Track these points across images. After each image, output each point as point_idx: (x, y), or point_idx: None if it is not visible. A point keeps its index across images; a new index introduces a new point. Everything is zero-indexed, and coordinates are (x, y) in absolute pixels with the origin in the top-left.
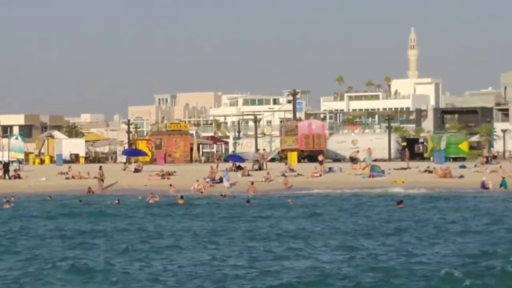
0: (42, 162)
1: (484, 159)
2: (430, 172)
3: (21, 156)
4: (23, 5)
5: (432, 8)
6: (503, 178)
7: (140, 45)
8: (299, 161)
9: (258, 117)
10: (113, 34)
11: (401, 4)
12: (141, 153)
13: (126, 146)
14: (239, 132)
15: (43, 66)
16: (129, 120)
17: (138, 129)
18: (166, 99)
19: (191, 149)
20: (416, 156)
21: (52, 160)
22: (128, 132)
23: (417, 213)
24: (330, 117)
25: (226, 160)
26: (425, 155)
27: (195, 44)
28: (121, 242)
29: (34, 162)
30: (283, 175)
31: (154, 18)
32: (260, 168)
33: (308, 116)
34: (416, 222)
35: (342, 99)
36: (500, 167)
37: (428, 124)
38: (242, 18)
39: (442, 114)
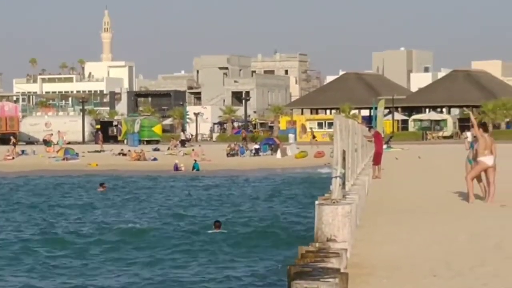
0: None
1: (178, 142)
2: (124, 154)
3: None
4: None
5: None
6: (195, 160)
7: None
8: None
9: None
10: None
11: None
12: None
13: None
14: None
15: None
16: None
17: None
18: None
19: None
20: (110, 138)
21: None
22: None
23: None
24: (23, 100)
25: None
26: (119, 138)
27: None
28: None
29: None
30: None
31: None
32: None
33: (0, 98)
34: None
35: (35, 81)
36: (193, 150)
37: (122, 107)
38: None
39: (136, 97)
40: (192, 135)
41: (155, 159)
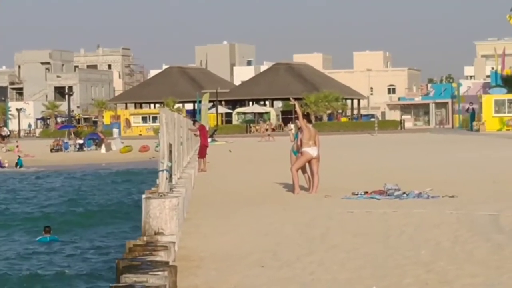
0: None
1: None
2: None
3: None
4: None
5: None
6: (19, 156)
7: None
8: None
9: None
10: None
11: None
12: None
13: None
14: None
15: None
16: None
17: None
18: None
19: None
20: None
21: None
22: None
23: None
24: None
25: None
26: None
27: None
28: None
29: None
30: None
31: None
32: None
33: None
34: None
35: None
36: (17, 146)
37: None
38: None
39: None
40: (11, 131)
41: None
